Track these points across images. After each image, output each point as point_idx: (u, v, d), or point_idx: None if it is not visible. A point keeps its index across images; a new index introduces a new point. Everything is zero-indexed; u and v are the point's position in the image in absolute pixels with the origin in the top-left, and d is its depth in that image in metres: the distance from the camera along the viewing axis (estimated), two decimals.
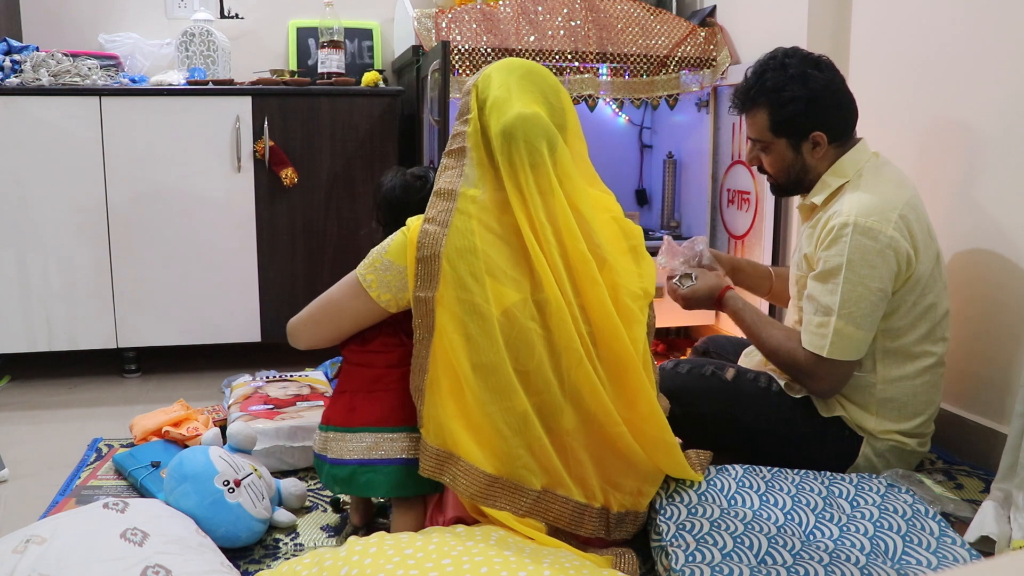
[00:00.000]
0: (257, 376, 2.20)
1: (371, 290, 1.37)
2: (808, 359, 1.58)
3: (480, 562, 1.13)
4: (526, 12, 2.47)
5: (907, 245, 1.54)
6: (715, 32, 2.58)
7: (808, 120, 1.63)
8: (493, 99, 1.35)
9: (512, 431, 1.29)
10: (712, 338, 2.10)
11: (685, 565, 1.24)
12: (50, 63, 2.36)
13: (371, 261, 1.38)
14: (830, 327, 1.54)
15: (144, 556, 1.17)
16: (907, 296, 1.58)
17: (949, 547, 1.30)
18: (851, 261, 1.52)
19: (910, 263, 1.55)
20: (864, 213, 1.53)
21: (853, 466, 1.63)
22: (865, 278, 1.52)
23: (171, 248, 2.40)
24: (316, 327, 1.46)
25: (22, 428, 2.08)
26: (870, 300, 1.53)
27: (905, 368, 1.61)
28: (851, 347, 1.55)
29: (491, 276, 1.29)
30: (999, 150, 1.79)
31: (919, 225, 1.57)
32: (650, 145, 3.11)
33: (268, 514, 1.46)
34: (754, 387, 1.67)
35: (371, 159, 2.49)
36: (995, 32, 1.79)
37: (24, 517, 1.54)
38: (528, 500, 1.29)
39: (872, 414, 1.62)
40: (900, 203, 1.56)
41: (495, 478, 1.28)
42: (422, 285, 1.31)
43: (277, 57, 2.92)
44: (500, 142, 1.33)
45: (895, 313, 1.59)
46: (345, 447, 1.41)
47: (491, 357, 1.28)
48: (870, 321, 1.55)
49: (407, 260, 1.34)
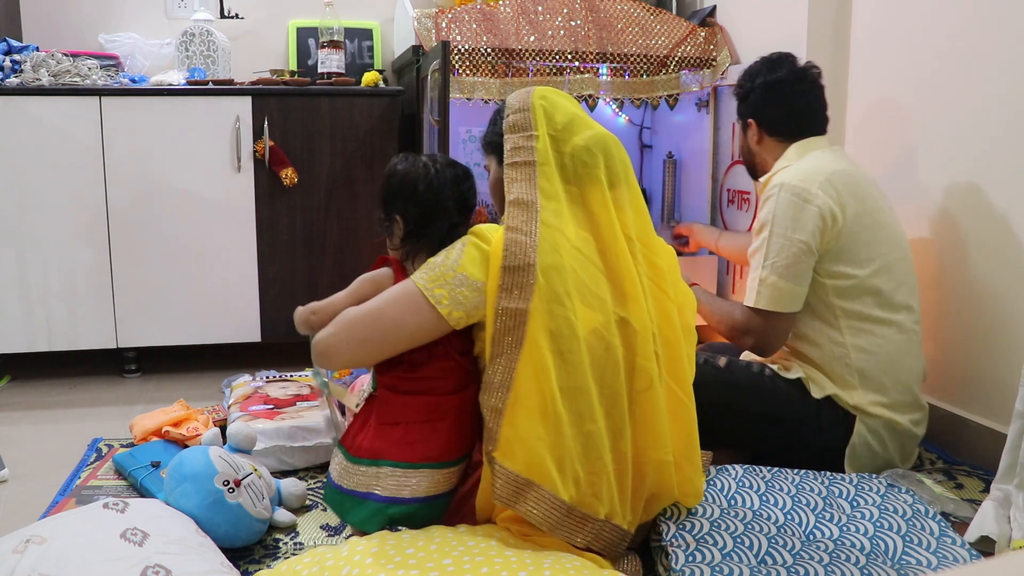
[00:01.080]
0: (257, 376, 2.20)
1: (441, 306, 1.27)
2: (743, 314, 1.71)
3: (481, 562, 1.12)
4: (526, 12, 2.47)
5: (831, 203, 1.64)
6: (715, 32, 2.58)
7: (745, 108, 1.88)
8: (570, 115, 1.35)
9: (586, 457, 1.23)
10: (711, 344, 2.14)
11: (685, 565, 1.24)
12: (50, 63, 2.36)
13: (439, 275, 1.28)
14: (757, 279, 1.68)
15: (144, 556, 1.17)
16: (845, 256, 1.66)
17: (949, 547, 1.30)
18: (776, 216, 1.66)
19: (835, 219, 1.64)
20: (792, 176, 1.69)
21: (850, 446, 1.65)
22: (787, 230, 1.65)
23: (171, 248, 2.40)
24: (362, 345, 1.31)
25: (22, 428, 2.08)
26: (792, 252, 1.64)
27: (872, 334, 1.66)
28: (778, 298, 1.66)
29: (579, 294, 1.25)
30: (1000, 150, 1.79)
31: (849, 191, 1.67)
32: (650, 145, 3.11)
33: (268, 514, 1.46)
34: (747, 372, 1.71)
35: (371, 159, 2.49)
36: (995, 32, 1.79)
37: (24, 517, 1.54)
38: (591, 529, 1.24)
39: (855, 387, 1.66)
40: (830, 170, 1.69)
41: (571, 508, 1.22)
42: (511, 296, 1.23)
43: (277, 57, 2.92)
44: (586, 156, 1.32)
45: (840, 275, 1.66)
46: (407, 485, 1.32)
47: (578, 380, 1.22)
48: (794, 273, 1.65)
49: (487, 275, 1.26)
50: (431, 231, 1.38)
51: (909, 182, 2.03)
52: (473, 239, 1.31)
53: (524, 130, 1.34)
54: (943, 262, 1.93)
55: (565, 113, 1.35)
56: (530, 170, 1.31)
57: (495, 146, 1.42)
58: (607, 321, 1.26)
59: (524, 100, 1.37)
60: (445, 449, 1.34)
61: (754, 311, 1.68)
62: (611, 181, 1.33)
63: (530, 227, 1.25)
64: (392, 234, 1.45)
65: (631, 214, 1.34)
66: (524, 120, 1.35)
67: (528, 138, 1.33)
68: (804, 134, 1.81)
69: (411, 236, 1.42)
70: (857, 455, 1.66)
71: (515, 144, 1.34)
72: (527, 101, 1.36)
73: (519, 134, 1.34)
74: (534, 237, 1.24)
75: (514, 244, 1.24)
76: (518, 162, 1.33)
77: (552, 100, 1.37)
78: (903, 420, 1.67)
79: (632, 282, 1.29)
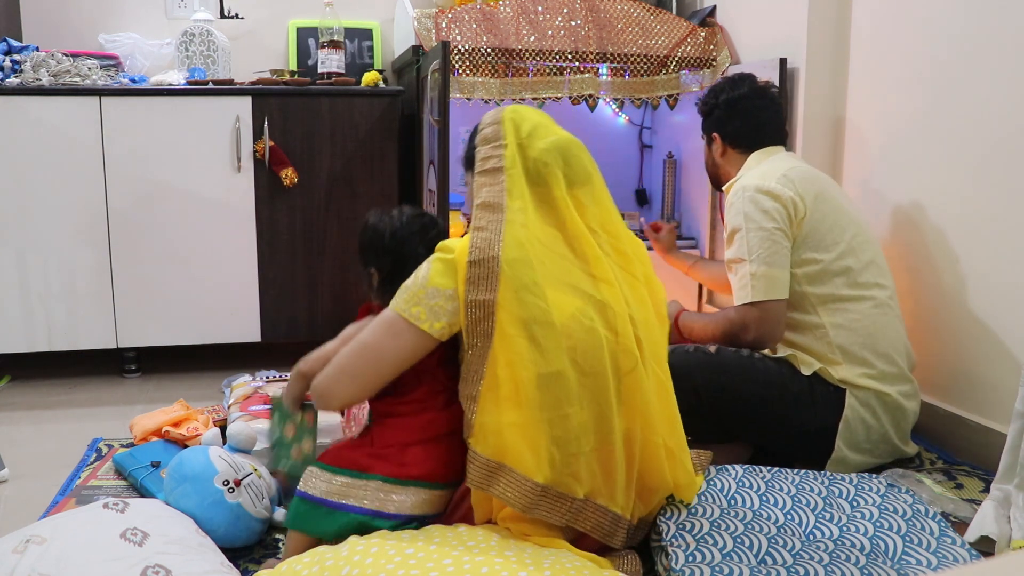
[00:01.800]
0: (257, 376, 2.20)
1: (421, 323, 1.30)
2: (739, 311, 1.75)
3: (481, 562, 1.12)
4: (526, 12, 2.47)
5: (790, 192, 1.75)
6: (715, 32, 2.58)
7: (708, 123, 2.01)
8: (534, 124, 1.41)
9: (566, 438, 1.26)
10: None
11: (685, 565, 1.24)
12: (50, 63, 2.36)
13: (411, 296, 1.31)
14: (747, 274, 1.73)
15: (144, 556, 1.17)
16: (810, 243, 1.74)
17: (949, 547, 1.30)
18: (746, 214, 1.75)
19: (796, 207, 1.74)
20: (750, 179, 1.80)
21: (843, 420, 1.68)
22: (760, 221, 1.73)
23: (171, 248, 2.40)
24: (356, 379, 1.34)
25: (22, 428, 2.08)
26: (771, 239, 1.72)
27: (847, 311, 1.72)
28: (772, 286, 1.72)
29: (549, 286, 1.29)
30: (1001, 149, 1.79)
31: (805, 183, 1.77)
32: (650, 145, 3.11)
33: (268, 514, 1.47)
34: (737, 356, 1.74)
35: (371, 159, 2.49)
36: (995, 32, 1.79)
37: (24, 517, 1.54)
38: (570, 508, 1.27)
39: (840, 361, 1.71)
40: (784, 168, 1.80)
41: (545, 488, 1.25)
42: (478, 288, 1.27)
43: (277, 57, 2.92)
44: (551, 156, 1.38)
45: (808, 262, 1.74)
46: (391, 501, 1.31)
47: (555, 365, 1.26)
48: (779, 258, 1.72)
49: (456, 280, 1.30)
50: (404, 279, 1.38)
51: (908, 182, 2.03)
52: (436, 254, 1.35)
53: (494, 141, 1.41)
54: (943, 262, 1.93)
55: (530, 123, 1.42)
56: (498, 175, 1.37)
57: (470, 160, 1.48)
58: (584, 305, 1.30)
59: (495, 115, 1.44)
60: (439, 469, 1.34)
61: (749, 306, 1.73)
62: (570, 181, 1.39)
63: (496, 226, 1.31)
64: (371, 285, 1.50)
65: (594, 208, 1.40)
66: (494, 132, 1.42)
67: (497, 147, 1.40)
68: (763, 145, 1.93)
69: (386, 285, 1.45)
70: (851, 429, 1.68)
71: (486, 155, 1.41)
72: (498, 115, 1.44)
73: (489, 145, 1.42)
74: (499, 234, 1.30)
75: (480, 240, 1.30)
76: (488, 169, 1.40)
77: (520, 112, 1.44)
78: (892, 391, 1.70)
79: (602, 268, 1.35)
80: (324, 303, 2.52)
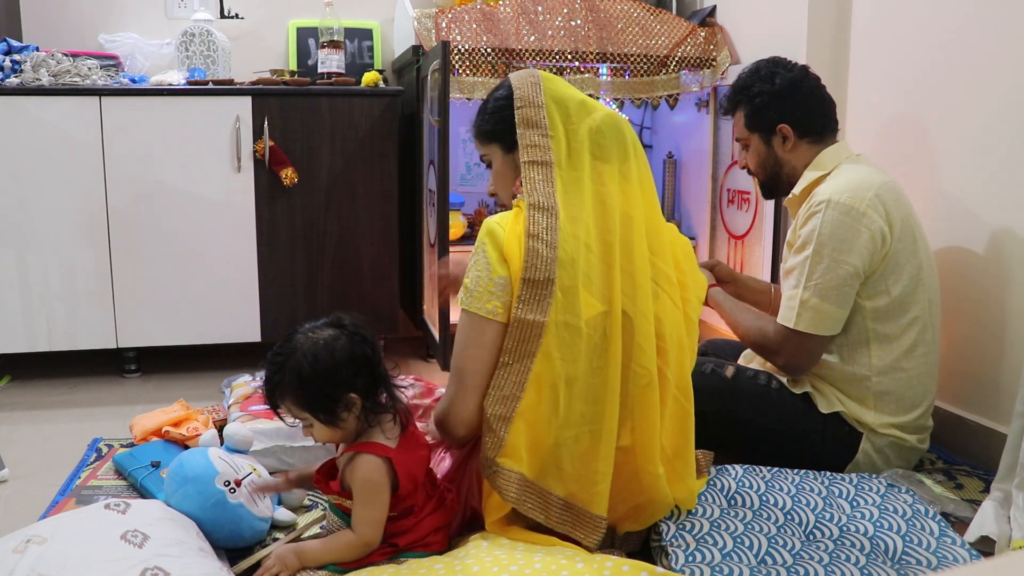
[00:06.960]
0: (257, 376, 2.20)
1: (498, 316, 1.28)
2: (777, 332, 1.64)
3: (471, 563, 1.14)
4: (526, 12, 2.47)
5: (881, 222, 1.58)
6: (715, 32, 2.58)
7: (774, 113, 1.73)
8: (577, 103, 1.38)
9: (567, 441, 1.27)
10: (711, 341, 2.11)
11: (685, 565, 1.24)
12: (50, 63, 2.36)
13: (483, 290, 1.30)
14: (798, 299, 1.60)
15: (144, 558, 1.17)
16: (888, 275, 1.60)
17: (949, 547, 1.30)
18: (822, 235, 1.58)
19: (885, 240, 1.58)
20: (839, 191, 1.60)
21: (853, 463, 1.63)
22: (835, 251, 1.57)
23: (171, 248, 2.40)
24: (475, 392, 1.30)
25: (22, 428, 2.08)
26: (838, 274, 1.57)
27: (898, 359, 1.62)
28: (819, 321, 1.59)
29: (584, 286, 1.28)
30: (1001, 150, 1.79)
31: (896, 206, 1.61)
32: (650, 145, 3.11)
33: (270, 513, 1.47)
34: (754, 384, 1.67)
35: (371, 159, 2.49)
36: (996, 32, 1.79)
37: (24, 517, 1.54)
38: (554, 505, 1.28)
39: (870, 408, 1.63)
40: (876, 184, 1.61)
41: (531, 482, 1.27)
42: (528, 308, 1.26)
43: (277, 57, 2.92)
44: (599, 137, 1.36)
45: (880, 294, 1.61)
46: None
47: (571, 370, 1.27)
48: (838, 296, 1.58)
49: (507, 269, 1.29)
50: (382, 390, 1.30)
51: (908, 182, 2.02)
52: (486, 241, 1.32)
53: (538, 127, 1.36)
54: (942, 262, 1.93)
55: (574, 101, 1.39)
56: (548, 171, 1.33)
57: (496, 134, 1.43)
58: (608, 311, 1.29)
59: (534, 95, 1.38)
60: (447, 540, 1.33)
61: (790, 331, 1.61)
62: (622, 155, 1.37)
63: (551, 236, 1.28)
64: (349, 414, 1.29)
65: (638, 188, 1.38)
66: (538, 116, 1.37)
67: (544, 137, 1.35)
68: (830, 133, 1.75)
69: (370, 403, 1.29)
70: (859, 470, 1.63)
71: (531, 141, 1.36)
72: (538, 97, 1.38)
73: (534, 131, 1.36)
74: (554, 249, 1.27)
75: (536, 257, 1.27)
76: (536, 161, 1.34)
77: (560, 92, 1.39)
78: (911, 439, 1.65)
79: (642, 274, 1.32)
80: (324, 303, 2.52)
